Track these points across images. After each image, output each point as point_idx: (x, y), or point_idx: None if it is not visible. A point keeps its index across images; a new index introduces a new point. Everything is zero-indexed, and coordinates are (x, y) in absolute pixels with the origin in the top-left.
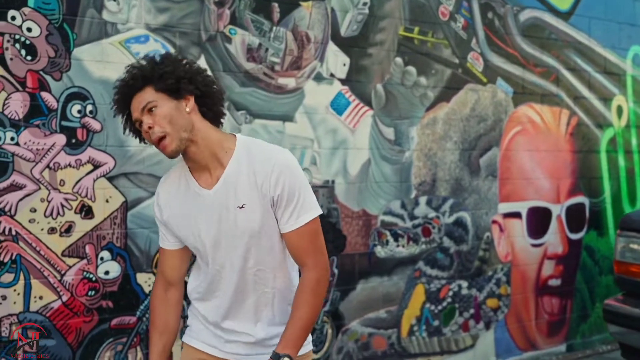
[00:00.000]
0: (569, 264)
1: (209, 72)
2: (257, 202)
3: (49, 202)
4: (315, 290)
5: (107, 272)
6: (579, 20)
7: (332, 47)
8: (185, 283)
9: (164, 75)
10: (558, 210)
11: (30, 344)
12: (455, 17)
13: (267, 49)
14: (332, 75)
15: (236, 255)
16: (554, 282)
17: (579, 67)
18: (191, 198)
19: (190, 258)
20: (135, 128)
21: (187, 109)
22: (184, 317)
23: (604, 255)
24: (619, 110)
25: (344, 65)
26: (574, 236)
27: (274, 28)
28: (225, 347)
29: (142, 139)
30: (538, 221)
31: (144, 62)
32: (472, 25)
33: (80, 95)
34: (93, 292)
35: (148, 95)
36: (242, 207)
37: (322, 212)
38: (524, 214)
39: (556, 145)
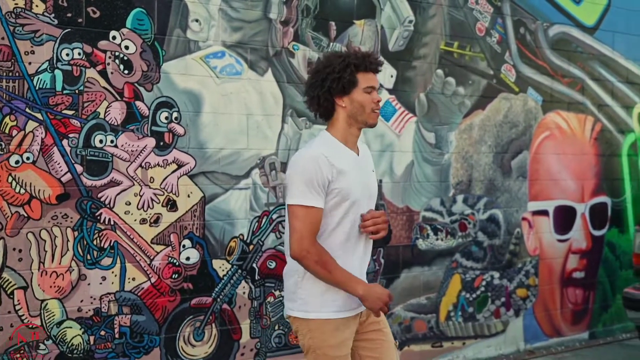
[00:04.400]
0: (592, 258)
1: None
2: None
3: (141, 196)
4: None
5: (188, 258)
6: (604, 35)
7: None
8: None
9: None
10: (582, 209)
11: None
12: (490, 33)
13: None
14: (381, 85)
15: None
16: (578, 275)
17: (603, 77)
18: (353, 160)
19: None
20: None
21: None
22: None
23: (624, 251)
24: None
25: (392, 76)
26: (597, 233)
27: (331, 44)
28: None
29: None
30: (564, 219)
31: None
32: (506, 39)
33: (167, 104)
34: (176, 275)
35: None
36: (373, 171)
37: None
38: (551, 212)
39: (581, 149)
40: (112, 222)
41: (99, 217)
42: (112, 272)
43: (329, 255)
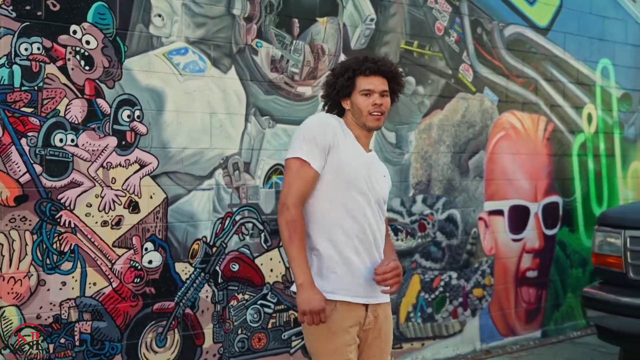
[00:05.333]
0: (544, 257)
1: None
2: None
3: (102, 197)
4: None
5: (150, 262)
6: (556, 36)
7: (343, 59)
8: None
9: (399, 79)
10: (535, 209)
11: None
12: (449, 32)
13: (287, 60)
14: None
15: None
16: (531, 274)
17: (555, 78)
18: (358, 149)
19: None
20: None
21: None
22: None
23: (575, 249)
24: (589, 117)
25: None
26: (549, 232)
27: (294, 41)
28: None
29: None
30: (518, 218)
31: (393, 62)
32: (464, 39)
33: (129, 102)
34: (138, 280)
35: (386, 85)
36: (385, 177)
37: None
38: (506, 212)
39: (534, 149)
40: (72, 225)
41: (58, 220)
42: (73, 277)
43: (302, 227)
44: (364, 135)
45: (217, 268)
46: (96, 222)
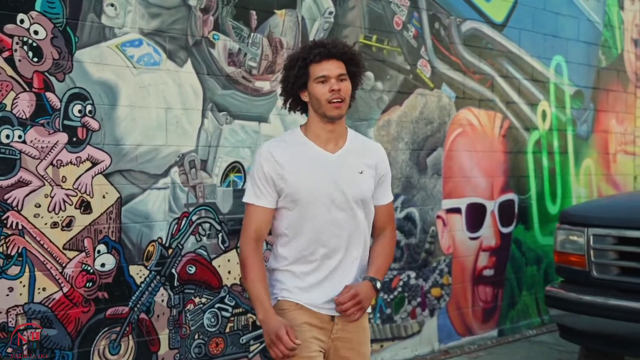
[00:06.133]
0: (500, 255)
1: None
2: (370, 175)
3: (52, 197)
4: (394, 245)
5: (103, 265)
6: (511, 32)
7: None
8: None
9: (356, 60)
10: (492, 206)
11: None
12: (407, 27)
13: (245, 54)
14: None
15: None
16: (488, 273)
17: (510, 74)
18: (314, 159)
19: None
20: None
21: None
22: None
23: (530, 247)
24: (544, 114)
25: None
26: (505, 230)
27: (252, 34)
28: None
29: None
30: (475, 216)
31: (347, 44)
32: (422, 34)
33: (80, 96)
34: (90, 284)
35: (343, 68)
36: (361, 173)
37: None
38: (463, 210)
39: (491, 146)
40: (20, 227)
41: (5, 222)
42: (20, 282)
43: (255, 263)
44: (326, 131)
45: (173, 271)
46: (45, 224)
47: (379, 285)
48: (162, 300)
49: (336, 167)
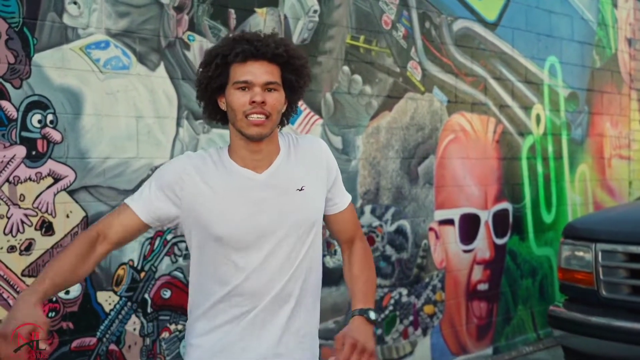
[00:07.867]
0: (495, 268)
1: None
2: (316, 185)
3: (9, 218)
4: (370, 257)
5: (67, 292)
6: (504, 31)
7: None
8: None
9: (296, 65)
10: (486, 216)
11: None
12: (396, 26)
13: None
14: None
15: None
16: (482, 287)
17: (503, 76)
18: (236, 183)
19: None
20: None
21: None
22: None
23: (525, 258)
24: (538, 118)
25: None
26: (499, 241)
27: (231, 35)
28: None
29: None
30: (468, 227)
31: (287, 42)
32: (412, 34)
33: (40, 104)
34: (53, 314)
35: (276, 74)
36: (301, 190)
37: None
38: (456, 221)
39: (484, 152)
40: None
41: None
42: None
43: (72, 250)
44: (250, 152)
45: (146, 296)
46: (1, 248)
47: (372, 315)
48: (134, 329)
49: (268, 191)
